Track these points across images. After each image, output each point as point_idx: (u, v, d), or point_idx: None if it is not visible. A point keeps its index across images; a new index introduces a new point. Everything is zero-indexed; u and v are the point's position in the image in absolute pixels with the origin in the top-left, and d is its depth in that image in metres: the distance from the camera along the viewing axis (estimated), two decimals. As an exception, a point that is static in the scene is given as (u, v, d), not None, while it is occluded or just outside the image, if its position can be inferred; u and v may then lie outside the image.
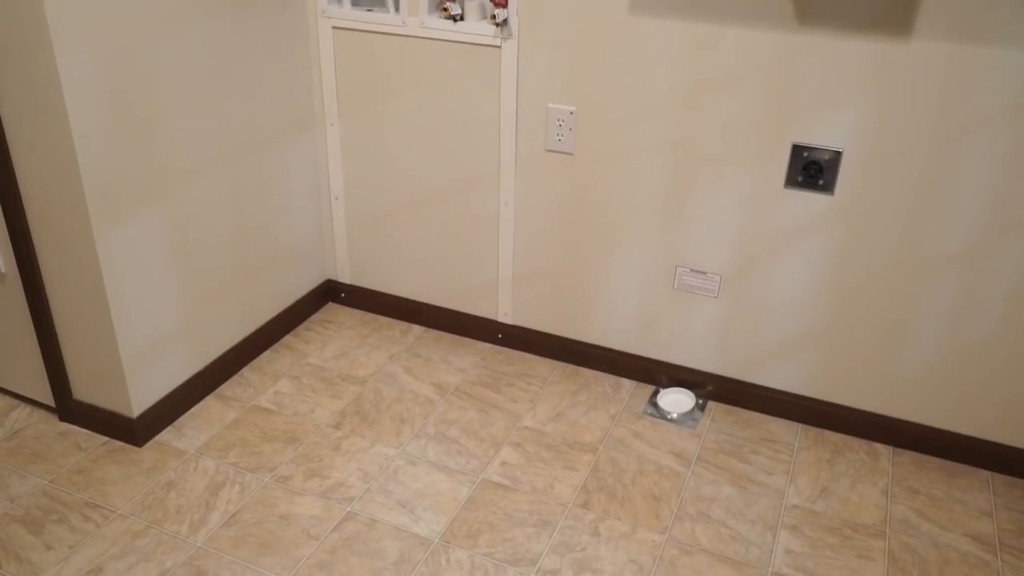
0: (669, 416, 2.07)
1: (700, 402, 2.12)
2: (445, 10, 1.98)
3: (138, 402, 1.91)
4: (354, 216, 2.38)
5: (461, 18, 1.98)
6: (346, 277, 2.49)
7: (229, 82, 1.95)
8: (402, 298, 2.43)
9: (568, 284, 2.19)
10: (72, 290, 1.80)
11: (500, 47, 1.97)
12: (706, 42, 1.78)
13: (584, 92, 1.94)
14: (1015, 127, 1.62)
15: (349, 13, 2.10)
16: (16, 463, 1.86)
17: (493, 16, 1.92)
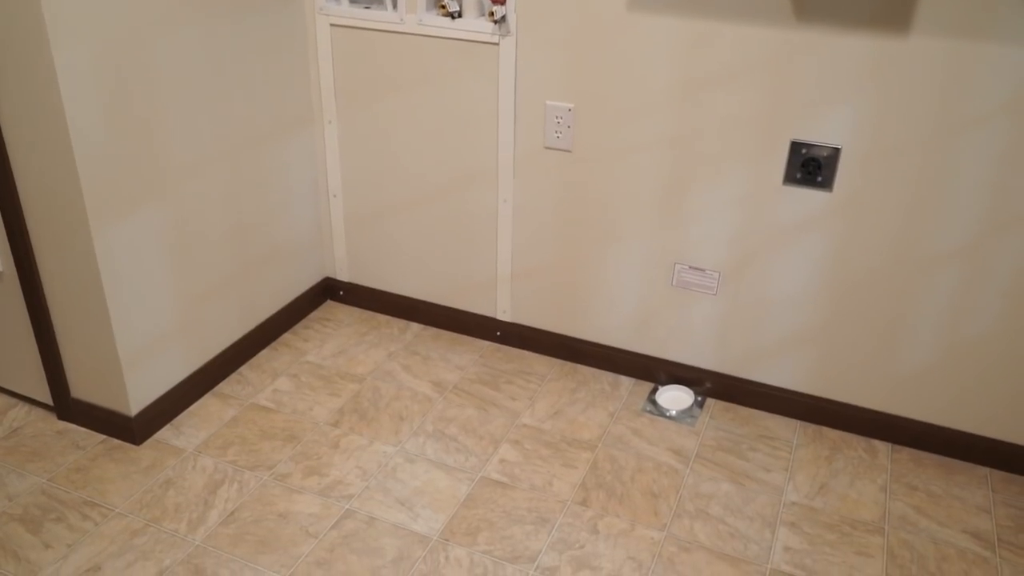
0: (668, 413, 2.07)
1: (699, 399, 2.12)
2: (443, 7, 1.97)
3: (136, 400, 1.91)
4: (352, 214, 2.38)
5: (459, 15, 1.97)
6: (344, 275, 2.48)
7: (227, 80, 1.95)
8: (400, 296, 2.43)
9: (567, 281, 2.19)
10: (70, 288, 1.80)
11: (498, 44, 1.97)
12: (704, 39, 1.78)
13: (582, 89, 1.94)
14: (1013, 123, 1.62)
15: (347, 10, 2.10)
16: (14, 462, 1.86)
17: (491, 13, 1.92)
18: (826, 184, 1.80)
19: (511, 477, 1.86)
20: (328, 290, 2.52)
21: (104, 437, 1.94)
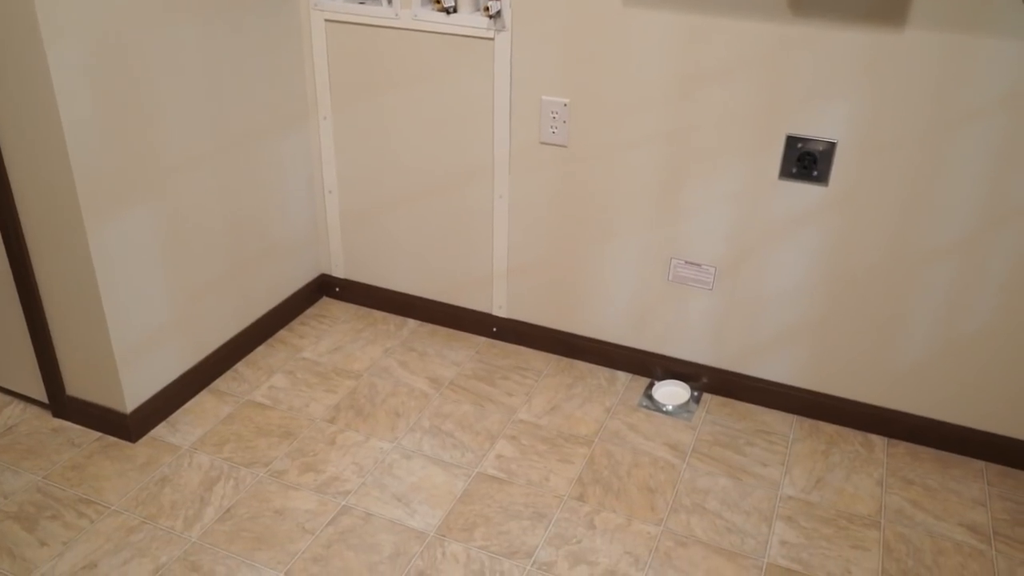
0: (664, 408, 2.07)
1: (695, 394, 2.12)
2: (438, 2, 1.97)
3: (132, 397, 1.90)
4: (348, 210, 2.37)
5: (454, 10, 1.97)
6: (340, 271, 2.48)
7: (222, 76, 1.94)
8: (396, 292, 2.43)
9: (563, 277, 2.18)
10: (65, 285, 1.79)
11: (493, 39, 1.97)
12: (700, 34, 1.78)
13: (578, 84, 1.94)
14: (1009, 117, 1.62)
15: (341, 6, 2.09)
16: (9, 459, 1.86)
17: (486, 8, 1.91)
18: (822, 178, 1.80)
19: (508, 473, 1.85)
20: (324, 287, 2.52)
21: (100, 434, 1.94)
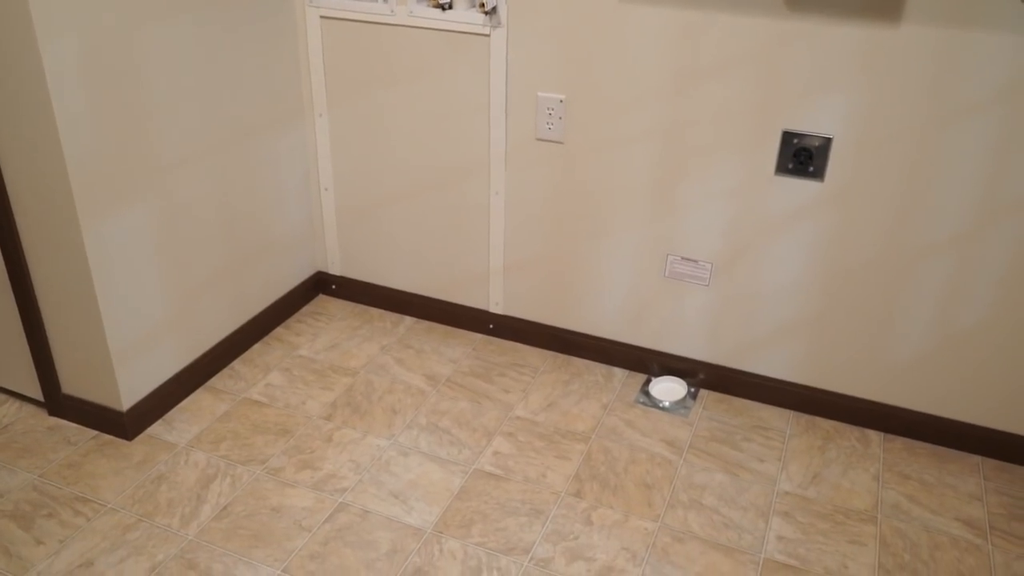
0: (661, 404, 2.07)
1: (692, 390, 2.12)
2: (433, -2, 1.96)
3: (128, 396, 1.90)
4: (344, 207, 2.37)
5: (450, 6, 1.97)
6: (336, 269, 2.48)
7: (216, 72, 1.93)
8: (393, 289, 2.43)
9: (559, 273, 2.18)
10: (60, 283, 1.79)
11: (489, 35, 1.96)
12: (696, 29, 1.78)
13: (574, 80, 1.94)
14: (1005, 111, 1.62)
15: (337, 2, 2.08)
16: (5, 458, 1.85)
17: (482, 4, 1.91)
18: (818, 174, 1.80)
19: (505, 469, 1.85)
20: (320, 284, 2.52)
21: (96, 433, 1.93)
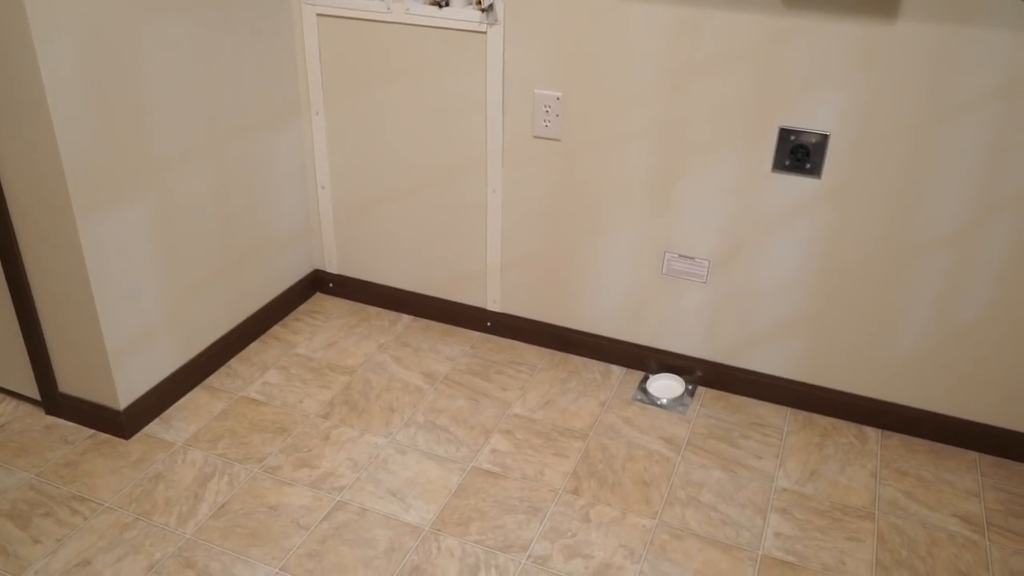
0: (659, 402, 2.07)
1: (689, 388, 2.12)
2: (430, -4, 1.96)
3: (125, 394, 1.89)
4: (341, 205, 2.37)
5: (446, 4, 1.96)
6: (334, 267, 2.47)
7: (213, 70, 1.93)
8: (390, 287, 2.42)
9: (556, 271, 2.18)
10: (56, 282, 1.78)
11: (486, 33, 1.96)
12: (693, 26, 1.77)
13: (571, 77, 1.93)
14: (1002, 107, 1.62)
15: (333, 0, 2.08)
16: (2, 457, 1.85)
17: (478, 1, 1.91)
18: (815, 171, 1.80)
19: (502, 467, 1.85)
20: (317, 282, 2.51)
21: (92, 432, 1.93)
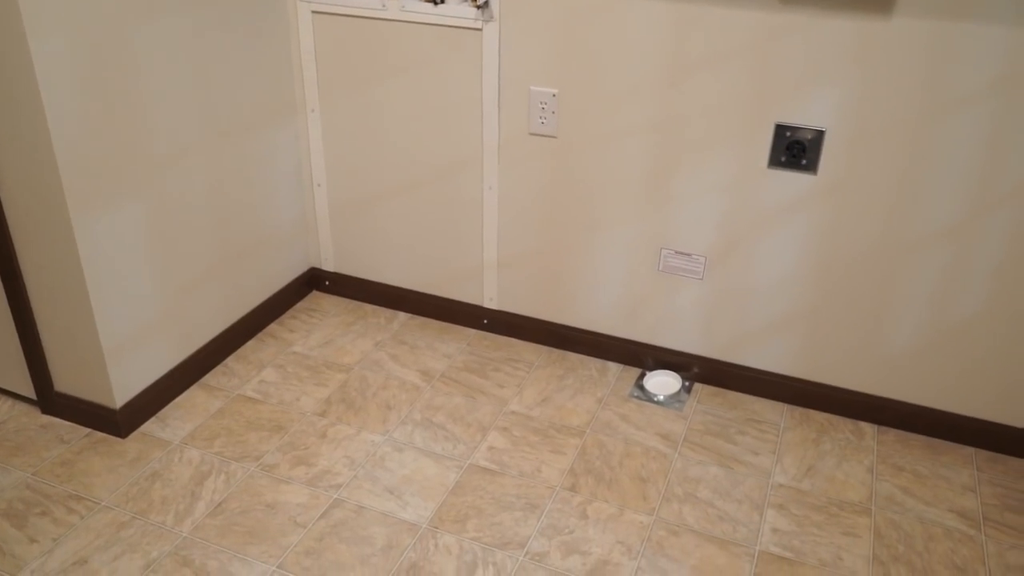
0: (655, 398, 2.07)
1: (686, 384, 2.12)
2: (425, -7, 1.96)
3: (121, 393, 1.89)
4: (337, 203, 2.36)
5: (442, 1, 1.96)
6: (330, 265, 2.47)
7: (208, 68, 1.92)
8: (387, 285, 2.42)
9: (553, 268, 2.18)
10: (51, 281, 1.78)
11: (481, 30, 1.96)
12: (689, 22, 1.77)
13: (567, 74, 1.93)
14: (998, 103, 1.62)
15: (328, -3, 2.08)
16: (-2, 456, 1.85)
17: (474, -2, 1.91)
18: (811, 167, 1.81)
19: (500, 464, 1.85)
20: (314, 280, 2.51)
21: (89, 430, 1.93)
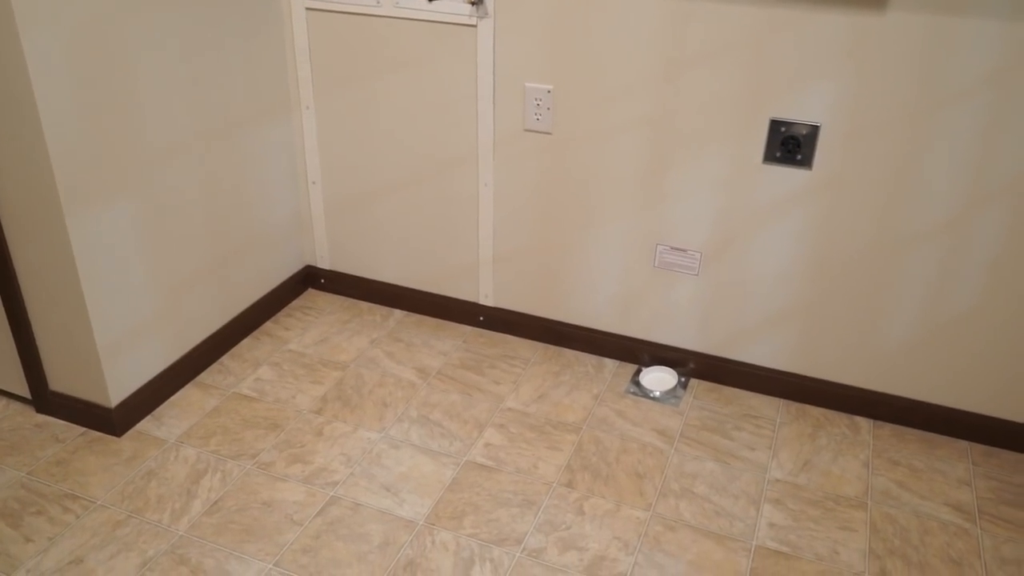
0: (652, 394, 2.08)
1: (682, 380, 2.12)
2: (419, -11, 1.95)
3: (116, 392, 1.88)
4: (332, 201, 2.36)
5: (436, -3, 1.96)
6: (325, 263, 2.47)
7: (202, 65, 1.92)
8: (382, 283, 2.42)
9: (549, 265, 2.18)
10: (45, 279, 1.77)
11: (476, 26, 1.95)
12: (683, 18, 1.77)
13: (561, 70, 1.93)
14: (993, 97, 1.62)
15: (322, -6, 2.07)
16: (-7, 456, 1.84)
17: (468, -5, 1.90)
18: (806, 162, 1.81)
19: (496, 461, 1.85)
20: (309, 278, 2.51)
21: (84, 429, 1.92)
